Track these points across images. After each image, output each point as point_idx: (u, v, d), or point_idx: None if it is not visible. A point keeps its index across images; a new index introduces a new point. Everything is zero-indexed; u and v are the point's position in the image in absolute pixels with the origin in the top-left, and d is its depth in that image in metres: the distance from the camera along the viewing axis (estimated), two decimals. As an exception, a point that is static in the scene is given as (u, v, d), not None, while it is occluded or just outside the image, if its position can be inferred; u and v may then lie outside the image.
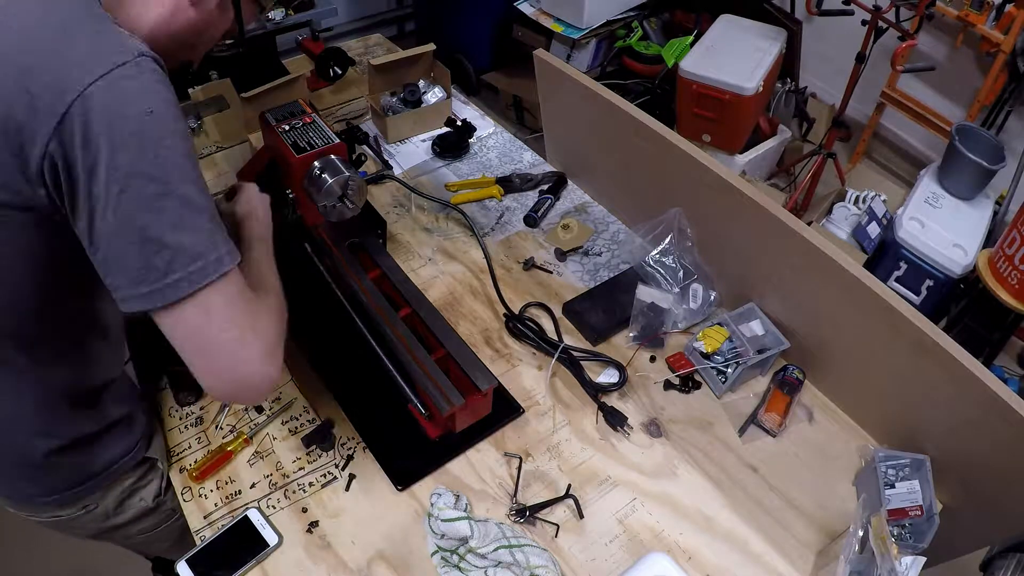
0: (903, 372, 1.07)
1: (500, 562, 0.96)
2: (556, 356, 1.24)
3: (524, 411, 1.18)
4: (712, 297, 1.32)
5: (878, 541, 0.89)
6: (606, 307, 1.32)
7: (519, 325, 1.30)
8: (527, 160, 1.75)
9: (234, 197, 1.02)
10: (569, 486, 1.09)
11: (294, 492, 1.07)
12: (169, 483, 1.10)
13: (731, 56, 2.80)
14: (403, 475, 1.09)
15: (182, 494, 1.07)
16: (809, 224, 2.39)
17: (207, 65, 1.89)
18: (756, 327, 1.26)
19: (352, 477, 1.09)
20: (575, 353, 1.26)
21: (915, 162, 3.26)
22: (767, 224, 1.14)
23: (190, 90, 1.73)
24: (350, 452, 1.12)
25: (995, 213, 2.59)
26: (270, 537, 1.00)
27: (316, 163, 1.10)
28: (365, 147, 1.69)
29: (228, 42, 2.70)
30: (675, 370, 1.24)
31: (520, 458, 1.12)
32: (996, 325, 2.25)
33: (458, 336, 1.13)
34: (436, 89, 1.83)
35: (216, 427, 1.15)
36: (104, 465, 0.99)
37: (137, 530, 1.12)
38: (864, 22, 2.55)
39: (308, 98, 1.84)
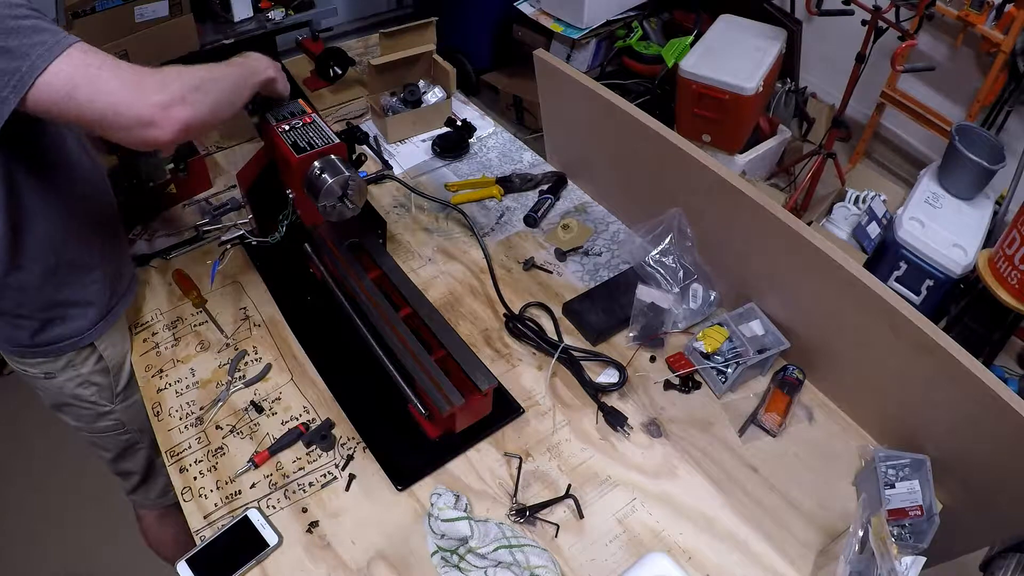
0: (903, 372, 1.07)
1: (500, 562, 0.96)
2: (556, 356, 1.24)
3: (524, 411, 1.18)
4: (712, 297, 1.32)
5: (878, 541, 0.89)
6: (606, 307, 1.32)
7: (519, 325, 1.30)
8: (527, 160, 1.75)
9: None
10: (569, 486, 1.09)
11: (294, 492, 1.07)
12: (124, 399, 1.26)
13: (731, 56, 2.80)
14: (403, 475, 1.09)
15: (182, 494, 1.07)
16: (809, 224, 2.39)
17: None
18: (756, 327, 1.26)
19: (352, 477, 1.09)
20: (575, 353, 1.26)
21: (915, 162, 3.26)
22: (767, 224, 1.14)
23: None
24: (350, 452, 1.12)
25: (995, 213, 2.59)
26: (270, 537, 1.00)
27: (316, 163, 1.10)
28: (365, 147, 1.69)
29: (227, 41, 2.70)
30: (675, 370, 1.24)
31: (520, 458, 1.12)
32: (996, 325, 2.25)
33: (458, 336, 1.13)
34: (436, 89, 1.83)
35: (216, 427, 1.15)
36: (52, 339, 1.12)
37: (86, 423, 1.27)
38: (864, 22, 2.55)
39: (308, 98, 1.84)
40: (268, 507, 1.05)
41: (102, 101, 0.80)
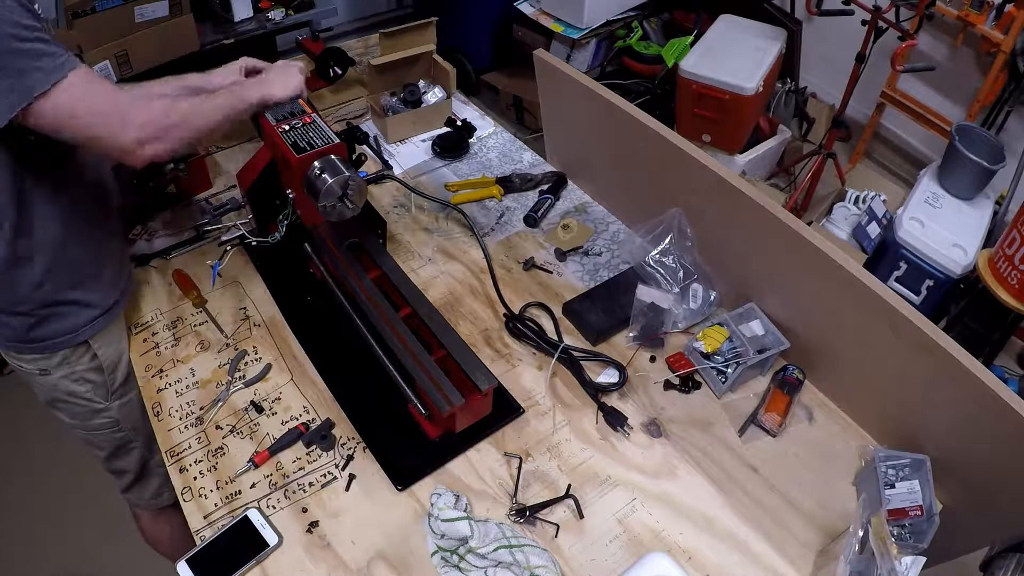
0: (903, 372, 1.07)
1: (500, 562, 0.96)
2: (556, 356, 1.24)
3: (524, 411, 1.18)
4: (712, 297, 1.32)
5: (878, 541, 0.89)
6: (606, 307, 1.32)
7: (519, 325, 1.30)
8: (527, 160, 1.75)
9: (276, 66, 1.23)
10: (569, 486, 1.09)
11: (294, 492, 1.07)
12: (119, 396, 1.26)
13: (731, 56, 2.80)
14: (403, 475, 1.09)
15: (182, 494, 1.07)
16: (809, 224, 2.39)
17: (207, 66, 1.89)
18: (756, 327, 1.26)
19: (352, 477, 1.09)
20: (575, 353, 1.26)
21: (915, 162, 3.26)
22: (767, 224, 1.14)
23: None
24: (350, 452, 1.12)
25: (995, 213, 2.59)
26: (270, 537, 1.00)
27: (316, 163, 1.10)
28: (365, 147, 1.69)
29: (227, 41, 2.70)
30: (675, 370, 1.24)
31: (520, 458, 1.12)
32: (996, 325, 2.25)
33: (458, 336, 1.13)
34: (436, 89, 1.83)
35: (216, 427, 1.15)
36: (48, 335, 1.13)
37: (80, 420, 1.28)
38: (864, 22, 2.55)
39: (308, 98, 1.84)
40: (268, 507, 1.05)
41: (90, 132, 0.92)
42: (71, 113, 0.89)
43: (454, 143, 1.74)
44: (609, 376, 1.24)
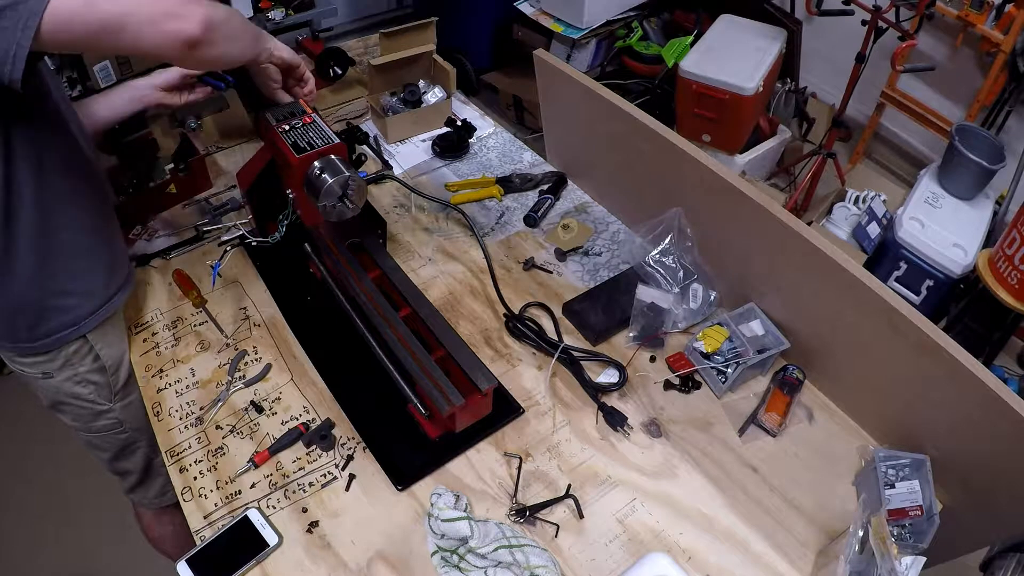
0: (903, 372, 1.07)
1: (500, 562, 0.96)
2: (556, 356, 1.24)
3: (524, 411, 1.18)
4: (712, 297, 1.33)
5: (878, 541, 0.89)
6: (606, 307, 1.32)
7: (519, 325, 1.30)
8: (527, 160, 1.75)
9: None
10: (569, 486, 1.09)
11: (294, 492, 1.07)
12: (122, 397, 1.26)
13: (731, 56, 2.81)
14: (403, 475, 1.09)
15: (182, 494, 1.07)
16: (809, 224, 2.39)
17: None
18: (756, 327, 1.26)
19: (352, 477, 1.09)
20: (575, 353, 1.26)
21: (915, 162, 3.26)
22: (767, 224, 1.14)
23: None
24: (350, 452, 1.13)
25: (995, 213, 2.59)
26: (270, 537, 1.00)
27: (316, 163, 1.09)
28: (365, 147, 1.69)
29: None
30: (675, 370, 1.24)
31: (520, 458, 1.12)
32: (996, 325, 2.25)
33: (458, 336, 1.13)
34: (436, 89, 1.83)
35: (216, 427, 1.15)
36: (50, 331, 1.11)
37: (83, 422, 1.27)
38: (864, 22, 2.55)
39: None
40: (268, 507, 1.06)
41: (118, 8, 0.81)
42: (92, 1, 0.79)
43: (454, 143, 1.74)
44: (609, 376, 1.24)
